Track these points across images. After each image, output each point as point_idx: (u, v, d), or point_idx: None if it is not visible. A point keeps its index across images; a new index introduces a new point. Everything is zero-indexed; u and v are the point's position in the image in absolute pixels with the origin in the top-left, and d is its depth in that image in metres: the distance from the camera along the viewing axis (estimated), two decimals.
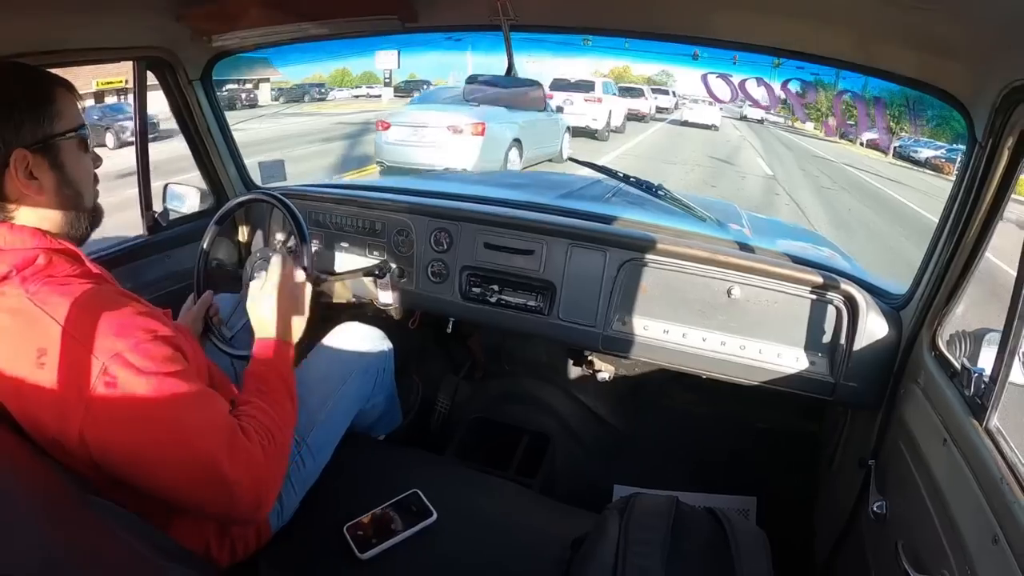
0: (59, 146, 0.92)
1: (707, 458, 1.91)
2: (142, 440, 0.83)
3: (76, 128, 0.94)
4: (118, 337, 0.82)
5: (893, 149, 10.82)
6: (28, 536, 0.62)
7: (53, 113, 0.91)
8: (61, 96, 0.93)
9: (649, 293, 1.53)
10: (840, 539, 1.43)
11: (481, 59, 5.75)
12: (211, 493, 0.87)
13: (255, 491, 0.91)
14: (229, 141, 1.91)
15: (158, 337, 0.86)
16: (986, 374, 0.95)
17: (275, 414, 1.02)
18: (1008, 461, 0.84)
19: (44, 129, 0.90)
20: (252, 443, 0.92)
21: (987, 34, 0.91)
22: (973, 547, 0.83)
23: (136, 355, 0.82)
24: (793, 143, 13.05)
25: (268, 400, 1.03)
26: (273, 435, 0.97)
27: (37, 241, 0.89)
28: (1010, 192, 1.03)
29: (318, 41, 1.71)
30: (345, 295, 1.87)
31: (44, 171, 0.90)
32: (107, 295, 0.88)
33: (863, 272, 1.57)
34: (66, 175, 0.93)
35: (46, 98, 0.91)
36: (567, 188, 2.30)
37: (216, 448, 0.86)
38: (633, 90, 13.88)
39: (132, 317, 0.86)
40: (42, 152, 0.90)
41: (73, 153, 0.94)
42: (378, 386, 1.47)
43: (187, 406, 0.86)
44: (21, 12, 1.13)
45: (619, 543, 0.93)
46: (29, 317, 0.82)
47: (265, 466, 0.93)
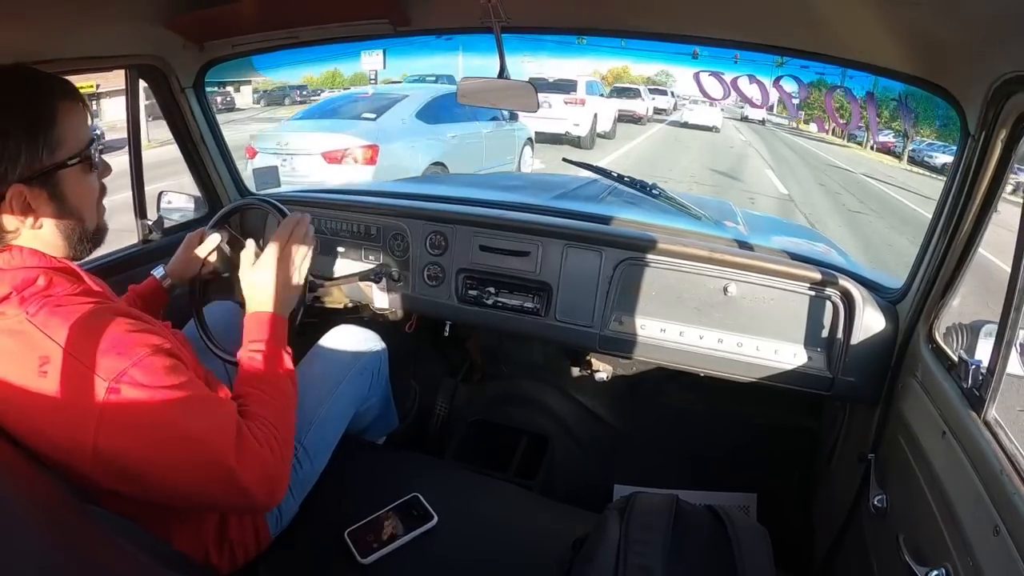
0: (59, 175, 0.87)
1: (706, 456, 1.91)
2: (155, 451, 0.83)
3: (80, 152, 0.89)
4: (119, 356, 0.82)
5: (907, 154, 10.66)
6: (26, 544, 0.62)
7: (54, 140, 0.85)
8: (64, 114, 0.86)
9: (646, 292, 1.53)
10: (841, 534, 1.43)
11: (471, 60, 5.40)
12: (224, 492, 0.89)
13: (267, 485, 0.92)
14: (222, 148, 1.90)
15: (159, 350, 0.86)
16: (983, 366, 0.95)
17: (276, 404, 1.01)
18: (1007, 452, 0.84)
19: (41, 161, 0.84)
20: (260, 443, 0.92)
21: (977, 27, 0.91)
22: (974, 539, 0.83)
23: (139, 371, 0.82)
24: (801, 148, 12.75)
25: (268, 388, 1.02)
26: (276, 428, 0.97)
27: (37, 260, 0.87)
28: (1003, 184, 1.04)
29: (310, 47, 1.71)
30: (341, 299, 1.86)
31: (43, 203, 0.86)
32: (105, 314, 0.87)
33: (859, 267, 1.57)
34: (66, 204, 0.89)
35: (46, 122, 0.84)
36: (562, 189, 2.30)
37: (225, 451, 0.87)
38: (628, 90, 13.58)
39: (131, 335, 0.85)
40: (40, 184, 0.85)
41: (76, 179, 0.89)
42: (373, 387, 1.47)
43: (194, 414, 0.86)
44: (12, 22, 1.13)
45: (620, 543, 0.93)
46: (29, 339, 0.81)
47: (272, 462, 0.93)
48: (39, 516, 0.69)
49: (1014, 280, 0.87)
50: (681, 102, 14.95)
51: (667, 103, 15.16)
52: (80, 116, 0.90)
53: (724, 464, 1.89)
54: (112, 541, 0.72)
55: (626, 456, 1.99)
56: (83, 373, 0.80)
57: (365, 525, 1.18)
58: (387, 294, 1.74)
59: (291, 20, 1.43)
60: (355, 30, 1.48)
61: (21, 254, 0.87)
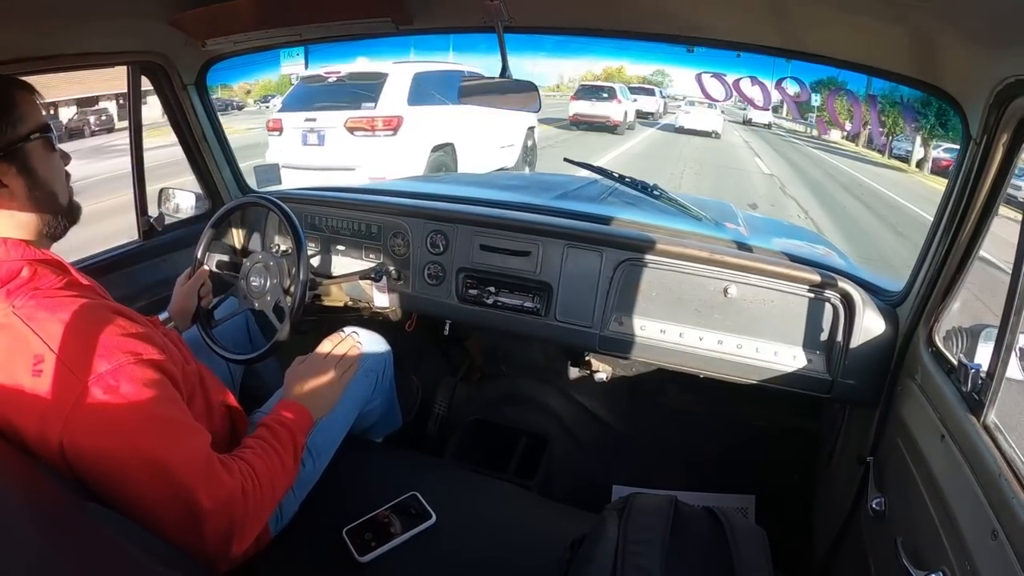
0: (25, 150, 0.90)
1: (705, 457, 1.91)
2: (116, 462, 0.82)
3: (40, 129, 0.93)
4: (101, 358, 0.82)
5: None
6: (23, 541, 0.62)
7: (15, 118, 0.89)
8: (21, 99, 0.91)
9: (646, 293, 1.53)
10: (839, 536, 1.42)
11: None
12: (178, 518, 0.85)
13: (227, 527, 0.89)
14: (224, 145, 1.90)
15: (143, 360, 0.85)
16: (983, 370, 0.95)
17: (270, 464, 1.01)
18: (1006, 456, 0.84)
19: (7, 135, 0.88)
20: (233, 478, 0.91)
21: (980, 30, 0.91)
22: (972, 543, 0.83)
23: (118, 378, 0.82)
24: (831, 165, 10.66)
25: (270, 451, 1.03)
26: (259, 480, 0.96)
27: (21, 252, 0.88)
28: (1005, 188, 1.03)
29: (312, 44, 1.71)
30: (341, 298, 1.86)
31: (12, 177, 0.89)
32: (94, 312, 0.87)
33: (859, 269, 1.57)
34: (36, 178, 0.92)
35: (6, 103, 0.89)
36: (563, 189, 2.30)
37: (192, 476, 0.85)
38: (596, 90, 11.29)
39: (118, 338, 0.85)
40: (8, 159, 0.88)
41: (40, 154, 0.93)
42: (377, 389, 1.47)
43: (163, 434, 0.85)
44: (16, 18, 1.13)
45: (618, 544, 0.93)
46: (15, 332, 0.82)
47: (243, 504, 0.91)
48: (36, 512, 0.69)
49: (1014, 284, 0.87)
50: (674, 103, 13.17)
51: (655, 105, 13.32)
52: (35, 104, 0.94)
53: (723, 465, 1.89)
54: (109, 538, 0.72)
55: (625, 457, 1.99)
56: (60, 369, 0.80)
57: (363, 524, 1.18)
58: (387, 293, 1.74)
59: (293, 18, 1.42)
60: (357, 28, 1.47)
61: (5, 245, 0.88)
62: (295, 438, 1.09)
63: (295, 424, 1.11)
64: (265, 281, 1.52)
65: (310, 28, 1.50)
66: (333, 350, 1.28)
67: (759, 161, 10.54)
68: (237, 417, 1.19)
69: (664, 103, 13.46)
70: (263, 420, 1.11)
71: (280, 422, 1.10)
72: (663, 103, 13.46)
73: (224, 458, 0.93)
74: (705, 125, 11.90)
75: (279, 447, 1.05)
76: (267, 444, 1.04)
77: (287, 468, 1.05)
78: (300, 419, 1.13)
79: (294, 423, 1.11)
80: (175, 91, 1.71)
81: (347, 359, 1.28)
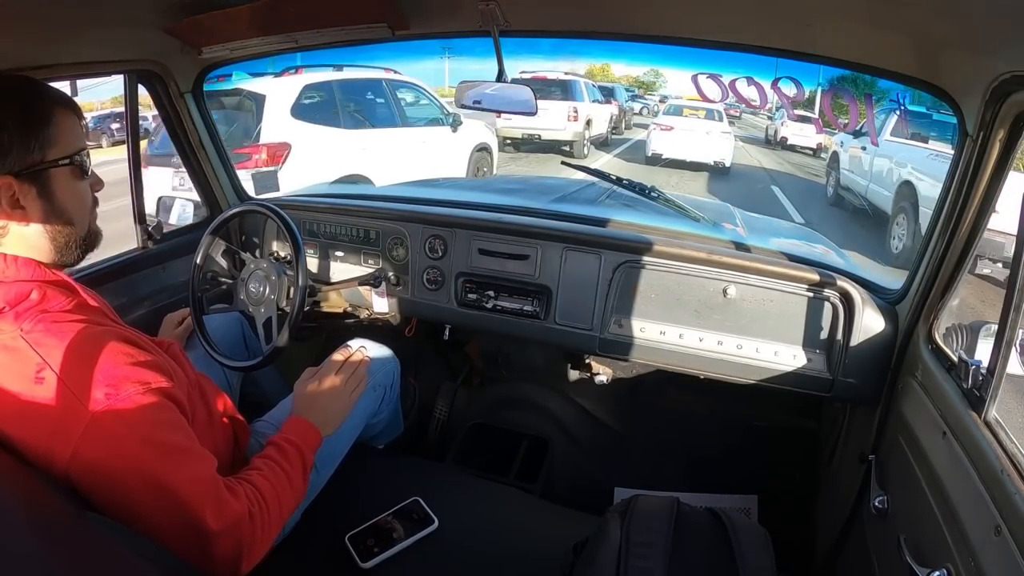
0: (49, 174, 0.87)
1: (707, 458, 1.91)
2: (126, 488, 0.82)
3: (72, 155, 0.89)
4: (108, 387, 0.81)
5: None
6: (25, 552, 0.62)
7: (46, 138, 0.86)
8: (60, 118, 0.88)
9: (645, 295, 1.53)
10: (842, 535, 1.42)
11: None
12: (186, 542, 0.85)
13: (235, 549, 0.89)
14: (221, 152, 1.90)
15: (151, 389, 0.85)
16: (983, 366, 0.95)
17: (277, 485, 1.00)
18: (1008, 452, 0.84)
19: (33, 156, 0.85)
20: (239, 502, 0.90)
21: (975, 27, 0.92)
22: (976, 539, 0.83)
23: (126, 407, 0.81)
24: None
25: (278, 471, 1.02)
26: (267, 502, 0.96)
27: (31, 272, 0.87)
28: (1002, 184, 1.04)
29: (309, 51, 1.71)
30: (340, 304, 1.86)
31: (32, 199, 0.86)
32: (102, 339, 0.85)
33: (857, 268, 1.57)
34: (55, 204, 0.88)
35: (42, 121, 0.86)
36: (560, 192, 2.31)
37: (200, 501, 0.85)
38: (546, 84, 7.48)
39: (126, 367, 0.84)
40: (29, 180, 0.85)
41: (66, 181, 0.89)
42: (385, 402, 1.47)
43: (173, 461, 0.85)
44: (11, 27, 1.13)
45: (621, 546, 0.93)
46: (22, 357, 0.81)
47: (250, 527, 0.91)
48: (38, 523, 0.69)
49: (1013, 279, 0.87)
50: (640, 118, 8.98)
51: (605, 116, 8.93)
52: (74, 124, 0.91)
53: (725, 466, 1.89)
54: (111, 548, 0.72)
55: (627, 459, 1.98)
56: (68, 398, 0.79)
57: (366, 529, 1.18)
58: (386, 298, 1.73)
59: (289, 25, 1.43)
60: (353, 34, 1.47)
61: (15, 264, 0.86)
62: (304, 457, 1.09)
63: (304, 443, 1.10)
64: (264, 288, 1.52)
65: (306, 34, 1.50)
66: (343, 366, 1.27)
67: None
68: (238, 426, 1.18)
69: (626, 112, 9.11)
70: (272, 439, 1.10)
71: (289, 441, 1.09)
72: (624, 112, 8.95)
73: (230, 482, 0.93)
74: (700, 153, 7.39)
75: (288, 467, 1.04)
76: (276, 464, 1.03)
77: (295, 488, 1.05)
78: (309, 437, 1.13)
79: (303, 442, 1.10)
80: (172, 99, 1.70)
81: (356, 375, 1.28)
